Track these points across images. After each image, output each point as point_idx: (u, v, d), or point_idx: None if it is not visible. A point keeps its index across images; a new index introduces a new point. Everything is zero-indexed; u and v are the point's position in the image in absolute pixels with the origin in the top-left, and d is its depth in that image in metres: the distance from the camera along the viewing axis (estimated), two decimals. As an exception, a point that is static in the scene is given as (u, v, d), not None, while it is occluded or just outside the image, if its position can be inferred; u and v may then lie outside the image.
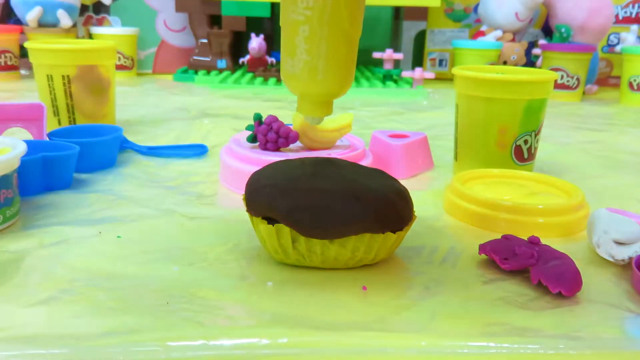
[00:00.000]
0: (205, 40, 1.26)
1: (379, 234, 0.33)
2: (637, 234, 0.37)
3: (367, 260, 0.35)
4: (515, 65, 1.22)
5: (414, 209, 0.37)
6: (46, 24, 1.19)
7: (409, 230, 0.36)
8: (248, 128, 0.52)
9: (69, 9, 1.19)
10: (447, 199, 0.47)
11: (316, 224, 0.32)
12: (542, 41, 1.24)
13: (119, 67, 1.26)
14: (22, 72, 1.22)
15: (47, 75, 0.67)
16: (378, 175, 0.37)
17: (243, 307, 0.31)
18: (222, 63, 1.25)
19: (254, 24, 1.37)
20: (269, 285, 0.33)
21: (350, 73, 0.31)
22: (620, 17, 1.33)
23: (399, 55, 1.18)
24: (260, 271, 0.35)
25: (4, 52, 1.14)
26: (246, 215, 0.36)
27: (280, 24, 0.30)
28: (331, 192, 0.33)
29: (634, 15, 1.32)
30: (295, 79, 0.30)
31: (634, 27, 1.27)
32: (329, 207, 0.32)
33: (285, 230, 0.33)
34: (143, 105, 0.93)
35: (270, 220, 0.34)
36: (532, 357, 0.27)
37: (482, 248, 0.37)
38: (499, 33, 1.25)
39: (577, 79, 1.12)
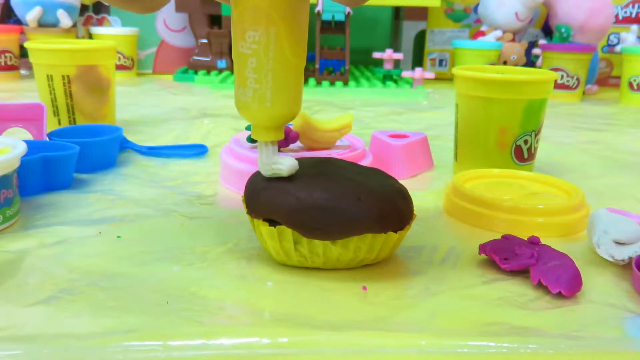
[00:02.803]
0: (205, 40, 1.26)
1: (381, 234, 0.33)
2: (637, 234, 0.37)
3: (368, 261, 0.35)
4: (515, 65, 1.22)
5: (414, 209, 0.37)
6: (46, 24, 1.19)
7: (409, 229, 0.36)
8: (248, 128, 0.52)
9: (69, 9, 1.19)
10: (447, 199, 0.47)
11: (318, 225, 0.32)
12: (542, 41, 1.24)
13: (119, 67, 1.26)
14: (22, 72, 1.22)
15: (47, 75, 0.67)
16: (377, 174, 0.37)
17: (243, 307, 0.31)
18: (222, 63, 1.25)
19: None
20: (269, 285, 0.33)
21: (297, 98, 0.33)
22: (620, 17, 1.33)
23: (399, 55, 1.18)
24: (260, 271, 0.35)
25: (4, 52, 1.14)
26: (246, 215, 0.36)
27: (232, 57, 0.33)
28: (333, 192, 0.33)
29: (634, 15, 1.32)
30: (247, 106, 0.33)
31: (634, 27, 1.27)
32: (331, 208, 0.32)
33: (288, 232, 0.33)
34: (143, 105, 0.93)
35: (272, 222, 0.34)
36: (532, 357, 0.27)
37: (482, 248, 0.37)
38: (499, 33, 1.25)
39: (577, 79, 1.12)
